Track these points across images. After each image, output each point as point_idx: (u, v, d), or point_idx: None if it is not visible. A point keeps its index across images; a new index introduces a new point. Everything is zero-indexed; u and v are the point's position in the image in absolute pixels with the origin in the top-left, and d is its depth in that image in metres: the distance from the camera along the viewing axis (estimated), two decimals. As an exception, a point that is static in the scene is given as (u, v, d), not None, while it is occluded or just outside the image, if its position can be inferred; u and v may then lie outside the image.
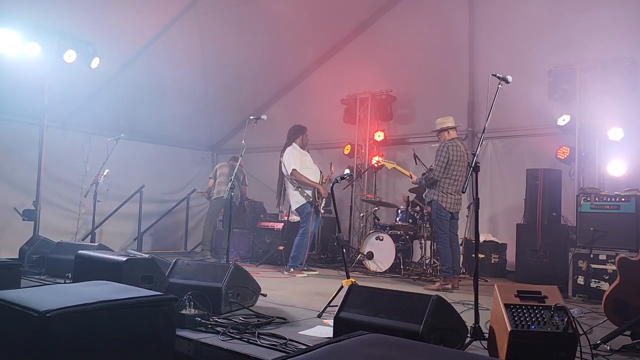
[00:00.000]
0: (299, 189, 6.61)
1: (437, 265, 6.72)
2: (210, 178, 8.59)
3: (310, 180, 6.57)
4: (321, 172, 6.82)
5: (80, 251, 4.36)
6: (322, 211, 6.81)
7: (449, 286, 5.60)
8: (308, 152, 6.93)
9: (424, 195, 6.24)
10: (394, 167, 6.53)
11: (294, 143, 6.76)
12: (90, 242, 7.21)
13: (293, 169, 6.53)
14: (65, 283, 4.44)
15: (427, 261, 6.81)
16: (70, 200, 8.53)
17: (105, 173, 7.18)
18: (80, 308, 2.46)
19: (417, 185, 6.52)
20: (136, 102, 8.26)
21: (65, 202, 8.49)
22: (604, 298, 3.45)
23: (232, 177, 5.79)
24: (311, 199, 6.57)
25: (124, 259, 3.92)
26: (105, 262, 4.03)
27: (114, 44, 7.31)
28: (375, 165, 8.40)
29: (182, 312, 3.31)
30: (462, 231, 7.48)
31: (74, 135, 8.56)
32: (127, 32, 7.24)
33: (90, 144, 8.67)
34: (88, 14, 6.76)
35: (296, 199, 6.64)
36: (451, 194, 5.75)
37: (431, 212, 6.03)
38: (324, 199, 6.70)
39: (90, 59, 7.07)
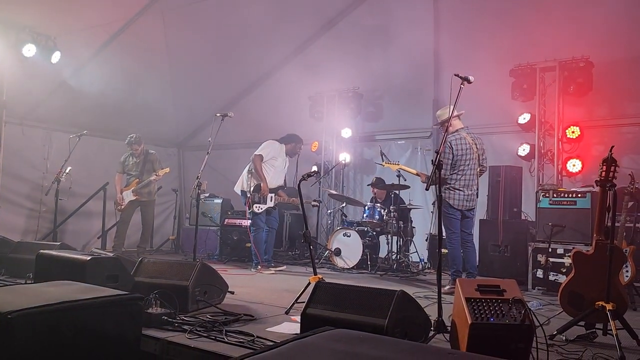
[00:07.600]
0: (249, 174, 6.70)
1: (402, 261, 6.83)
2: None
3: (262, 174, 6.61)
4: (285, 184, 6.95)
5: (41, 250, 4.26)
6: (257, 210, 6.63)
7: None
8: (288, 160, 7.00)
9: None
10: (400, 168, 6.26)
11: (282, 143, 6.84)
12: (52, 241, 7.02)
13: (259, 154, 6.63)
14: (26, 283, 4.33)
15: (394, 257, 6.92)
16: (30, 198, 8.30)
17: (67, 170, 7.02)
18: (43, 309, 2.42)
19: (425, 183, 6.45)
20: (99, 98, 8.04)
21: (25, 200, 8.26)
22: (560, 290, 3.59)
23: (199, 174, 5.72)
24: (249, 190, 6.62)
25: (88, 258, 3.86)
26: (68, 262, 3.96)
27: (76, 38, 7.14)
28: (342, 162, 8.47)
29: (148, 311, 3.29)
30: (428, 226, 7.64)
31: (34, 132, 8.32)
32: (89, 26, 7.07)
33: (51, 140, 8.45)
34: (48, 7, 6.56)
35: (241, 183, 6.78)
36: (459, 189, 5.38)
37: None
38: (260, 197, 6.64)
39: (50, 53, 6.90)
